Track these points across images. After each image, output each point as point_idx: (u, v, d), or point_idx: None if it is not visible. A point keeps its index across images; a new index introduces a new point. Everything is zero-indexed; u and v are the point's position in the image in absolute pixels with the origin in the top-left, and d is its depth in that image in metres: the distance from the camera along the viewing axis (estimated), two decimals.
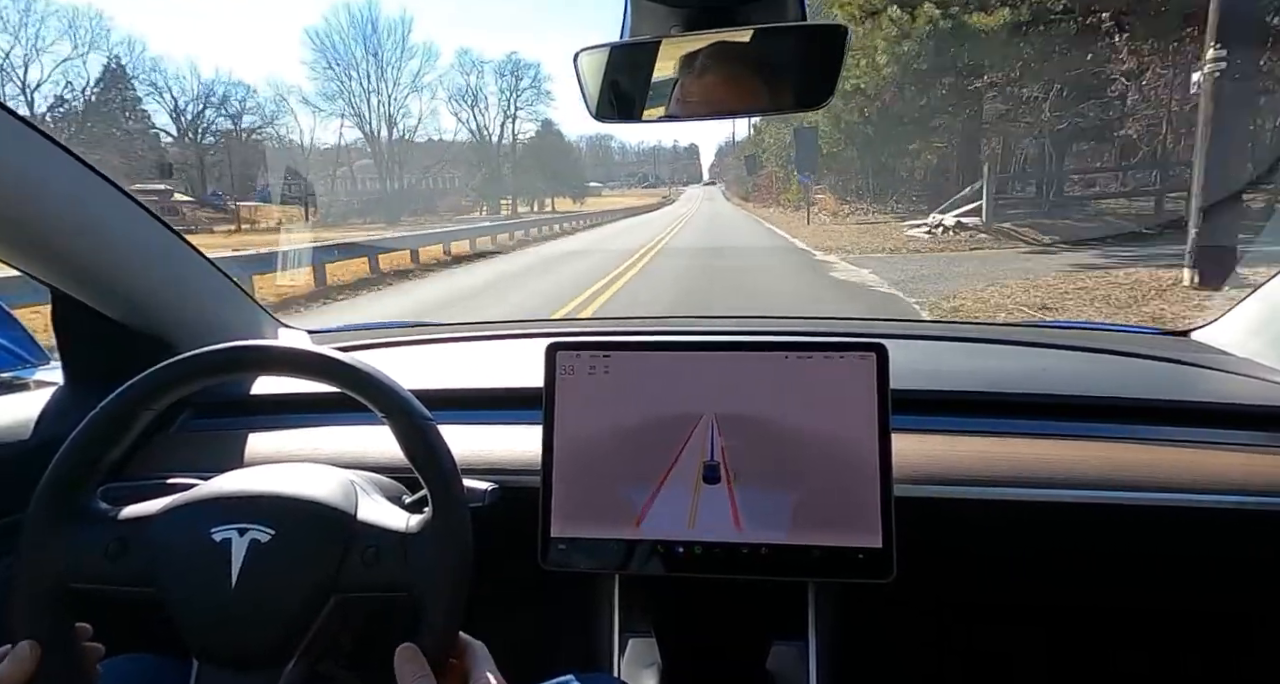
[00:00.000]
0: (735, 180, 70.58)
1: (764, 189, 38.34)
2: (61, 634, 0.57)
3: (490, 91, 79.30)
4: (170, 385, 0.62)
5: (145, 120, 37.88)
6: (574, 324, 3.22)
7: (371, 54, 46.38)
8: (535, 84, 55.89)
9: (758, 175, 41.35)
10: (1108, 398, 0.97)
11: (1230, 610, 1.04)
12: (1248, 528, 0.86)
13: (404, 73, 48.73)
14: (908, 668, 1.13)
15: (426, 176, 50.13)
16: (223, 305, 1.16)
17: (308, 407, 1.04)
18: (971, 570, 1.02)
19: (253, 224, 29.65)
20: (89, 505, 0.61)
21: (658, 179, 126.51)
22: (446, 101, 71.99)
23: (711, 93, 0.75)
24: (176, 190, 33.10)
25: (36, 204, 0.82)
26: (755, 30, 0.70)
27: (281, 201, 33.37)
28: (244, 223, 29.89)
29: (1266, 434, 0.92)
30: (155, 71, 48.90)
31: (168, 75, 54.65)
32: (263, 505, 0.60)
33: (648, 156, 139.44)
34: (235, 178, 38.18)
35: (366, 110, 45.83)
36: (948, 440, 0.92)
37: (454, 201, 46.31)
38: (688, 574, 0.79)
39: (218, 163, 38.09)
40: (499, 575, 0.80)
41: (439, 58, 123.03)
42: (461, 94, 54.69)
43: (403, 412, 0.61)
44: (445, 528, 0.59)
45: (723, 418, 0.80)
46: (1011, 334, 1.34)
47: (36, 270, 0.89)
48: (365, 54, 46.36)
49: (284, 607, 0.58)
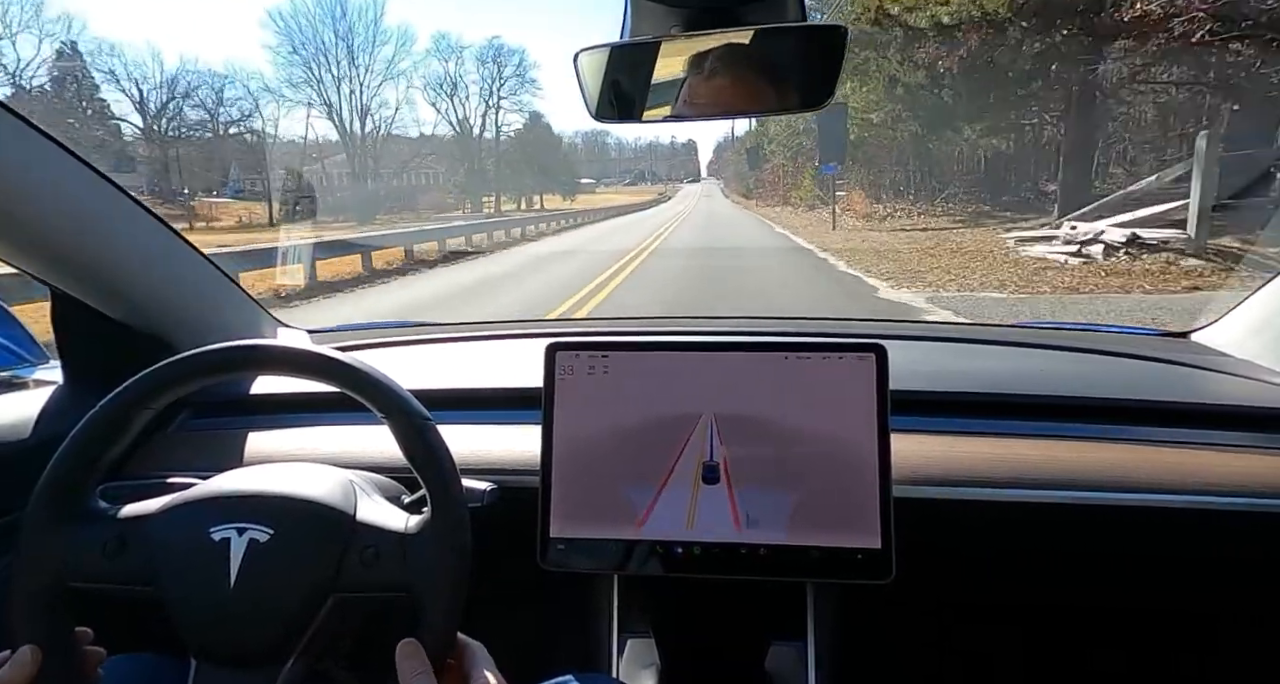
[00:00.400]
0: (735, 176, 66.61)
1: (768, 185, 35.46)
2: (62, 637, 0.57)
3: (471, 80, 73.22)
4: (169, 385, 0.62)
5: (104, 110, 34.57)
6: (573, 324, 3.23)
7: (341, 38, 42.81)
8: (519, 72, 52.57)
9: (760, 170, 38.55)
10: (1107, 399, 0.97)
11: (1229, 610, 1.04)
12: (1248, 529, 0.86)
13: (377, 60, 44.19)
14: (907, 669, 1.13)
15: (404, 172, 46.40)
16: (222, 304, 1.16)
17: (307, 406, 1.04)
18: (971, 571, 1.02)
19: (209, 222, 28.42)
20: (88, 504, 0.61)
21: (654, 176, 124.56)
22: (423, 90, 68.55)
23: (710, 93, 0.75)
24: (141, 185, 30.47)
25: (36, 202, 0.82)
26: (755, 30, 0.70)
27: (236, 197, 31.72)
28: (202, 220, 28.59)
29: (1266, 435, 0.92)
30: (113, 56, 46.28)
31: (127, 61, 50.82)
32: (261, 505, 0.60)
33: (644, 153, 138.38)
34: (188, 174, 35.28)
35: (337, 99, 42.19)
36: (947, 441, 0.92)
37: (435, 199, 42.55)
38: (687, 575, 0.79)
39: (178, 158, 34.77)
40: (498, 576, 0.80)
41: (415, 42, 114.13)
42: (439, 83, 51.32)
43: (402, 411, 0.61)
44: (444, 528, 0.59)
45: (722, 418, 0.80)
46: (1011, 335, 1.34)
47: (36, 269, 0.89)
48: (335, 38, 42.88)
49: (282, 606, 0.58)
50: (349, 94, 42.18)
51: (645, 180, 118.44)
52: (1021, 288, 6.95)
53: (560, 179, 55.81)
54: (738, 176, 61.97)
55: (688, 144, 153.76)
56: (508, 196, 49.18)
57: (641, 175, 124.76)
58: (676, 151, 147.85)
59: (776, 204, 30.56)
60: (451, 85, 50.52)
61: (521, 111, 56.18)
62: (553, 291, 7.92)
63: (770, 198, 34.11)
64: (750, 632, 0.91)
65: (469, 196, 45.29)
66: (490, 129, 50.42)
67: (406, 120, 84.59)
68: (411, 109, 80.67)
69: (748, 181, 48.45)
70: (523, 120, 53.55)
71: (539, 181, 52.41)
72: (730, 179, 74.97)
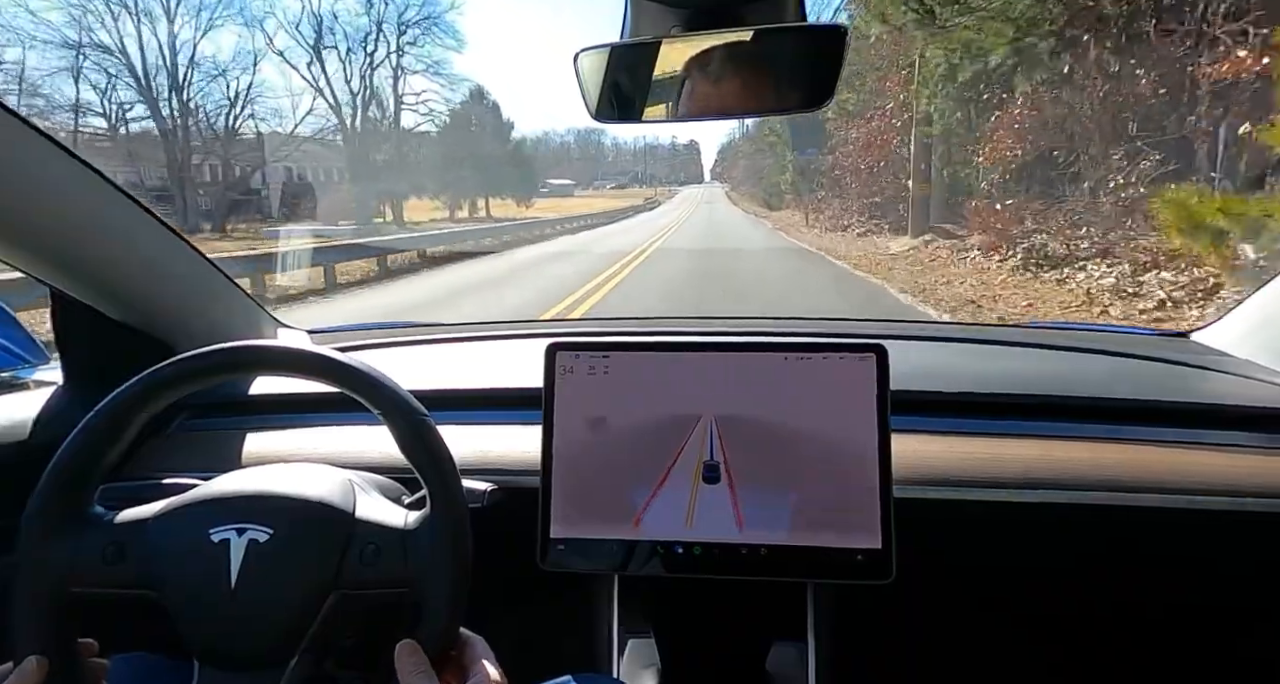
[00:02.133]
0: (749, 175, 47.49)
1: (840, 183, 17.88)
2: (65, 646, 0.57)
3: (357, 26, 48.42)
4: (168, 386, 0.62)
5: None
6: (573, 324, 3.23)
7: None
8: (429, 15, 33.48)
9: (822, 153, 19.04)
10: (1108, 399, 0.97)
11: (1230, 611, 1.04)
12: (1248, 529, 0.86)
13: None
14: (907, 669, 1.13)
15: (264, 170, 26.36)
16: (222, 305, 1.16)
17: (307, 407, 1.04)
18: (971, 572, 1.02)
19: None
20: (87, 509, 0.61)
21: (651, 178, 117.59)
22: (281, 41, 42.87)
23: (710, 93, 0.75)
24: None
25: (36, 203, 0.82)
26: (755, 31, 0.70)
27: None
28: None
29: (1266, 435, 0.92)
30: None
31: None
32: (260, 505, 0.60)
33: (643, 155, 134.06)
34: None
35: (140, 60, 23.98)
36: (948, 441, 0.92)
37: (317, 206, 25.63)
38: (687, 575, 0.79)
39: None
40: (498, 576, 0.80)
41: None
42: (303, 31, 32.77)
43: (401, 411, 0.61)
44: (445, 525, 0.59)
45: (722, 418, 0.80)
46: (1011, 335, 1.34)
47: (36, 270, 0.89)
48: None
49: (284, 606, 0.58)
50: (157, 54, 24.24)
51: (640, 183, 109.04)
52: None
53: (513, 179, 38.60)
54: (753, 175, 43.66)
55: (689, 145, 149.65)
56: (439, 200, 35.19)
57: (636, 178, 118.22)
58: (678, 153, 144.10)
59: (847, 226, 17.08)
60: (316, 32, 30.37)
61: (446, 83, 43.65)
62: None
63: (835, 210, 18.49)
64: (751, 632, 0.91)
65: (365, 200, 29.25)
66: (386, 105, 32.63)
67: (267, 98, 56.67)
68: (284, 80, 54.11)
69: (776, 181, 30.28)
70: (457, 97, 36.83)
71: (482, 181, 36.03)
72: (742, 179, 55.74)
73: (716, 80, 0.74)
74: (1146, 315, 6.23)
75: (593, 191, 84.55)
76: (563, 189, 74.53)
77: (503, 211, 36.52)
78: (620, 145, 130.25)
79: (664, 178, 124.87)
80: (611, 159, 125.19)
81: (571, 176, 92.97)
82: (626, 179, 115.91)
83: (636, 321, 1.92)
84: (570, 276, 10.07)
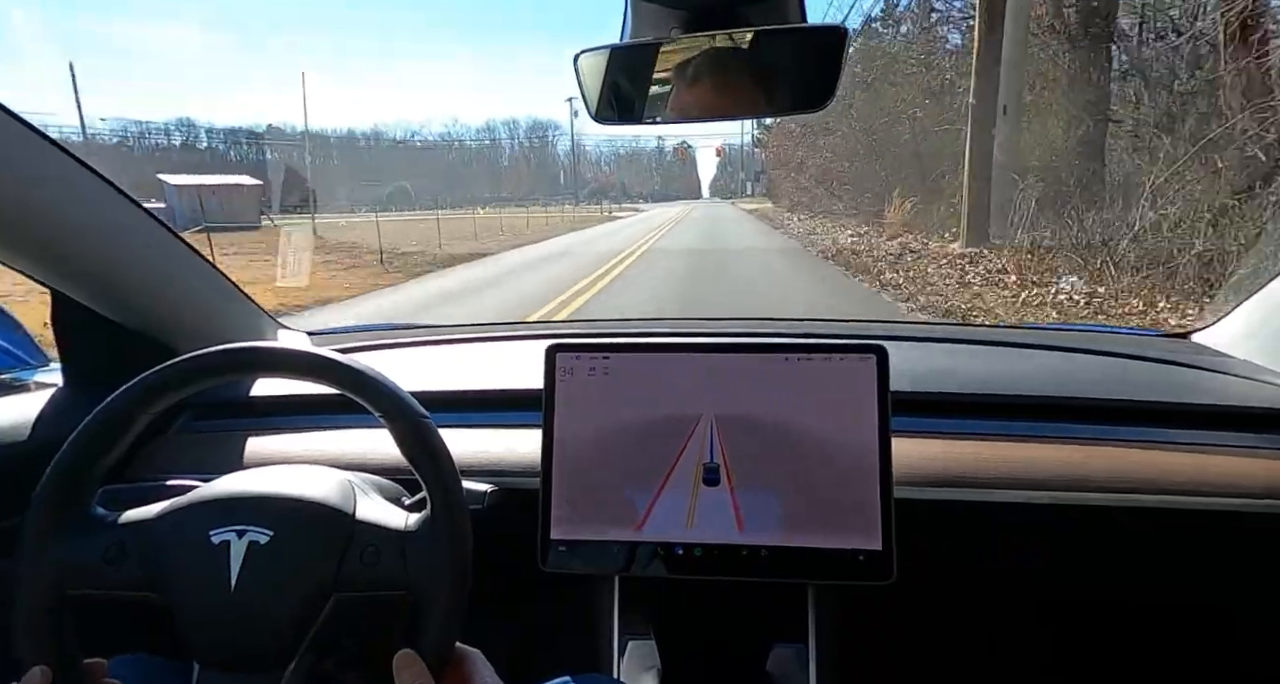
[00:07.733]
0: (791, 184, 27.04)
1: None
2: (68, 654, 0.57)
3: None
4: (168, 388, 0.62)
5: None
6: (573, 325, 3.22)
7: None
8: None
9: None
10: (1109, 400, 0.97)
11: (1231, 611, 1.04)
12: (1248, 529, 0.86)
13: None
14: (908, 670, 1.13)
15: None
16: (222, 307, 1.16)
17: (307, 408, 1.04)
18: (972, 572, 1.02)
19: None
20: (87, 511, 0.61)
21: (625, 195, 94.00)
22: None
23: (711, 94, 0.75)
24: None
25: (36, 205, 0.82)
26: (755, 32, 0.70)
27: None
28: None
29: (1266, 435, 0.92)
30: None
31: None
32: (260, 507, 0.60)
33: (623, 164, 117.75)
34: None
35: None
36: (948, 442, 0.92)
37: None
38: (687, 576, 0.79)
39: None
40: (499, 578, 0.80)
41: None
42: None
43: (401, 413, 0.61)
44: (445, 527, 0.59)
45: (722, 419, 0.80)
46: (1011, 336, 1.34)
47: (36, 272, 0.89)
48: None
49: (284, 608, 0.58)
50: None
51: (608, 198, 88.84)
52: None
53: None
54: (796, 186, 25.90)
55: (679, 146, 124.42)
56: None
57: (603, 192, 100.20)
58: (664, 162, 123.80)
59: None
60: None
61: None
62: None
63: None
64: (751, 633, 0.91)
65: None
66: None
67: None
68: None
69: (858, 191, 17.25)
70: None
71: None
72: (784, 188, 32.17)
73: (717, 81, 0.74)
74: None
75: (573, 206, 60.53)
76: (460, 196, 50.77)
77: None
78: (587, 154, 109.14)
79: (662, 193, 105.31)
80: (564, 166, 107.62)
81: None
82: (588, 193, 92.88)
83: (636, 322, 1.92)
84: None
